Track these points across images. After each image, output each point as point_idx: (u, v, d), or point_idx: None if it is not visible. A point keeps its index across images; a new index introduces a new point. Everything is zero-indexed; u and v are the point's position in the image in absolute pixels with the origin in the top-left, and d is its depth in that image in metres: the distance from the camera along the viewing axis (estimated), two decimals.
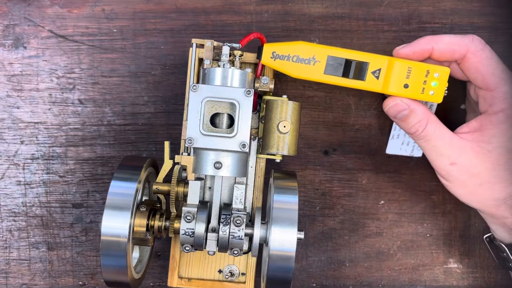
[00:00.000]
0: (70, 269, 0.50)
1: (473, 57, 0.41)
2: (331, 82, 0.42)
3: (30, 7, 0.50)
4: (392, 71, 0.41)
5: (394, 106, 0.42)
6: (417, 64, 0.41)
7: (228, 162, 0.41)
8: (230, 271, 0.46)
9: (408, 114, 0.42)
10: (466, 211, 0.50)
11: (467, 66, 0.42)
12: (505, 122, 0.41)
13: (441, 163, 0.42)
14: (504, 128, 0.41)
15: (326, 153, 0.50)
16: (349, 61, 0.41)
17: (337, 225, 0.50)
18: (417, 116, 0.42)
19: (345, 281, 0.50)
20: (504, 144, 0.41)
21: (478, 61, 0.41)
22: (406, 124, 0.42)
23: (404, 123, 0.42)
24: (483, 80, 0.42)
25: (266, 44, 0.42)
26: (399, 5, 0.49)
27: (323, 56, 0.41)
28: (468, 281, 0.50)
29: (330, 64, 0.41)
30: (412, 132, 0.42)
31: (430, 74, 0.41)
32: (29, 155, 0.50)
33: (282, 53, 0.41)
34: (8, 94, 0.50)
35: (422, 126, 0.42)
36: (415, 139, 0.43)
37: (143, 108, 0.50)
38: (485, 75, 0.41)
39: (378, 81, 0.42)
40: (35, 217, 0.50)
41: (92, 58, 0.50)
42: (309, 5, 0.50)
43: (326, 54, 0.41)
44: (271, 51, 0.41)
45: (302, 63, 0.41)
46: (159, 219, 0.41)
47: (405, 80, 0.41)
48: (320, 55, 0.41)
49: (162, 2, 0.50)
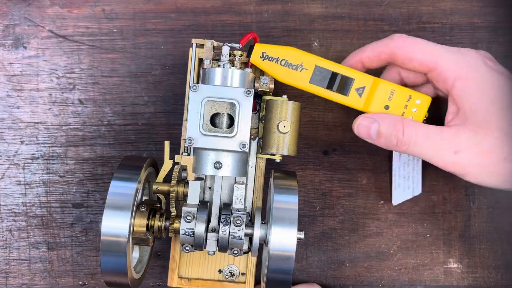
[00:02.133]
0: (70, 269, 0.50)
1: (400, 50, 0.41)
2: (314, 92, 0.42)
3: (30, 7, 0.50)
4: (375, 91, 0.42)
5: (360, 124, 0.40)
6: (400, 88, 0.42)
7: (228, 162, 0.41)
8: (230, 271, 0.46)
9: (380, 127, 0.40)
10: (466, 211, 0.50)
11: (401, 61, 0.41)
12: (468, 88, 0.39)
13: (444, 158, 0.39)
14: (472, 93, 0.38)
15: (326, 153, 0.50)
16: (335, 74, 0.42)
17: (337, 225, 0.50)
18: (389, 123, 0.40)
19: (345, 281, 0.50)
20: (485, 105, 0.38)
21: (406, 51, 0.40)
22: (383, 138, 0.40)
23: (381, 139, 0.40)
24: (421, 64, 0.40)
25: (257, 44, 0.42)
26: (399, 5, 0.49)
27: (311, 65, 0.42)
28: (468, 281, 0.50)
29: (316, 74, 0.42)
30: (394, 143, 0.40)
31: (412, 99, 0.42)
32: (29, 155, 0.50)
33: (271, 55, 0.42)
34: (8, 94, 0.50)
35: (400, 131, 0.39)
36: (403, 150, 0.40)
37: (143, 108, 0.50)
38: (419, 58, 0.40)
39: (361, 98, 0.42)
40: (35, 217, 0.50)
41: (92, 58, 0.50)
42: (309, 5, 0.50)
43: (314, 64, 0.42)
44: (261, 51, 0.42)
45: (289, 68, 0.42)
46: (159, 219, 0.41)
47: (387, 101, 0.42)
48: (308, 63, 0.42)
49: (162, 2, 0.50)
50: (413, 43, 0.41)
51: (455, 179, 0.50)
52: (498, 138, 0.38)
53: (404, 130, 0.39)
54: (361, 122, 0.41)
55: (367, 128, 0.40)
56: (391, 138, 0.40)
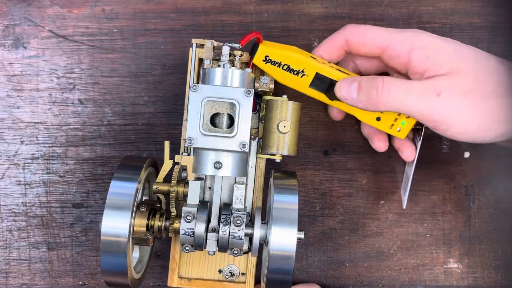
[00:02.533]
0: (70, 269, 0.50)
1: (353, 36, 0.42)
2: (313, 96, 0.43)
3: (30, 7, 0.50)
4: None
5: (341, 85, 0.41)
6: None
7: (228, 162, 0.41)
8: (230, 271, 0.46)
9: (359, 83, 0.40)
10: (466, 211, 0.50)
11: (355, 47, 0.42)
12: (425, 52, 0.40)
13: (426, 103, 0.39)
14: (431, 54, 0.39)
15: (326, 153, 0.50)
16: (334, 82, 0.42)
17: (337, 225, 0.50)
18: (368, 78, 0.40)
19: (345, 281, 0.50)
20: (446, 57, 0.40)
21: (359, 36, 0.42)
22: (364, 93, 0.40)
23: (362, 95, 0.40)
24: (374, 45, 0.41)
25: (262, 45, 0.42)
26: (399, 5, 0.49)
27: (311, 71, 0.42)
28: (468, 281, 0.50)
29: (316, 80, 0.42)
30: (375, 95, 0.40)
31: (402, 114, 0.43)
32: (29, 155, 0.50)
33: (274, 59, 0.42)
34: (8, 94, 0.50)
35: (380, 82, 0.39)
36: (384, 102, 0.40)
37: (143, 108, 0.50)
38: (372, 40, 0.41)
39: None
40: (35, 217, 0.50)
41: (92, 58, 0.50)
42: (309, 5, 0.50)
43: (315, 71, 0.42)
44: (265, 55, 0.42)
45: (291, 73, 0.42)
46: (159, 219, 0.41)
47: (379, 113, 0.43)
48: (309, 69, 0.42)
49: (162, 2, 0.50)
50: (365, 29, 0.42)
51: (455, 179, 0.50)
52: (474, 79, 0.39)
53: (384, 80, 0.40)
54: (341, 83, 0.41)
55: (348, 86, 0.41)
56: (371, 90, 0.40)
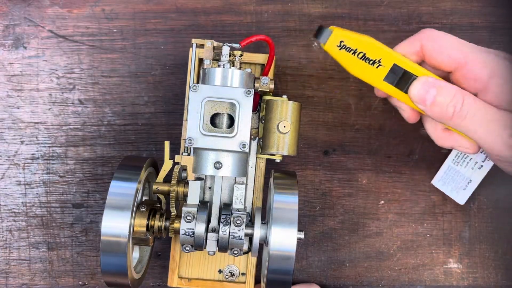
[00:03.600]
0: (70, 269, 0.50)
1: (430, 41, 0.38)
2: (386, 91, 0.40)
3: (30, 7, 0.50)
4: None
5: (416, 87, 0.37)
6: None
7: (228, 162, 0.41)
8: (230, 271, 0.46)
9: (437, 95, 0.37)
10: (466, 211, 0.50)
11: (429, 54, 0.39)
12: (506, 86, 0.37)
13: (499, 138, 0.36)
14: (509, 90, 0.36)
15: (326, 153, 0.50)
16: (409, 75, 0.39)
17: (337, 225, 0.50)
18: (448, 92, 0.37)
19: (345, 281, 0.50)
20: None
21: (436, 44, 0.38)
22: (438, 107, 0.37)
23: (435, 107, 0.37)
24: (450, 58, 0.38)
25: (337, 29, 0.39)
26: (399, 5, 0.49)
27: (389, 62, 0.39)
28: (468, 281, 0.50)
29: (391, 73, 0.39)
30: (450, 114, 0.37)
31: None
32: (29, 155, 0.50)
33: (349, 45, 0.38)
34: (8, 94, 0.50)
35: (459, 102, 0.36)
36: (456, 123, 0.37)
37: (143, 108, 0.50)
38: (449, 52, 0.38)
39: None
40: (35, 217, 0.50)
41: (92, 58, 0.50)
42: (309, 5, 0.50)
43: (393, 62, 0.39)
44: (339, 40, 0.38)
45: (366, 62, 0.39)
46: (159, 219, 0.41)
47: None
48: (386, 60, 0.39)
49: (162, 2, 0.50)
50: (443, 36, 0.39)
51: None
52: None
53: (464, 101, 0.37)
54: (420, 82, 0.38)
55: (426, 89, 0.38)
56: (448, 107, 0.37)
